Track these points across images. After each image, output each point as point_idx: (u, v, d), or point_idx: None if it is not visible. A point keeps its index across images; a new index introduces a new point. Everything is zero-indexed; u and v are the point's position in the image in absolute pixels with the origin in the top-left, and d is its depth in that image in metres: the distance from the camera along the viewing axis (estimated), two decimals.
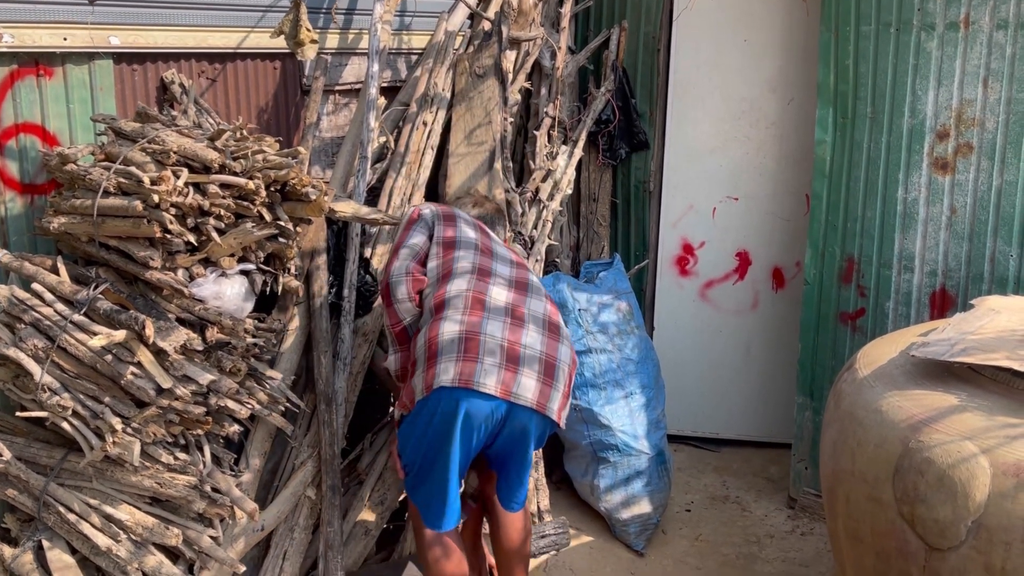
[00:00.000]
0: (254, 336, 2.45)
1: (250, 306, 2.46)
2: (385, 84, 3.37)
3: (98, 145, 2.46)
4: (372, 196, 3.09)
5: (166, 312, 2.30)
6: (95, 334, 2.19)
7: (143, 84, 2.72)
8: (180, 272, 2.32)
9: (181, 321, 2.32)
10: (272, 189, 2.42)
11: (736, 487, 3.82)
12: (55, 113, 2.50)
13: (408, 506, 2.53)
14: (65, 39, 2.46)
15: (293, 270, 2.66)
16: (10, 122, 2.43)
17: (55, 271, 2.37)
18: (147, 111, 2.55)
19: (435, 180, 3.31)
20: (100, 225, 2.27)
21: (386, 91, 3.38)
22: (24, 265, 2.35)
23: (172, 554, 2.32)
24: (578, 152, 3.83)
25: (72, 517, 2.23)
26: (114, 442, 2.14)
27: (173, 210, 2.23)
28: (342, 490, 2.70)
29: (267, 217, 2.40)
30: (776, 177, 3.92)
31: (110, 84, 2.61)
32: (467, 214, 2.78)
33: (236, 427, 2.41)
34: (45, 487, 2.25)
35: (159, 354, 2.21)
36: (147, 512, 2.28)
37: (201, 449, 2.38)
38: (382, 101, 3.21)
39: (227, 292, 2.38)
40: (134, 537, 2.23)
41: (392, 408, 2.94)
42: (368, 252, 3.02)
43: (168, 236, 2.24)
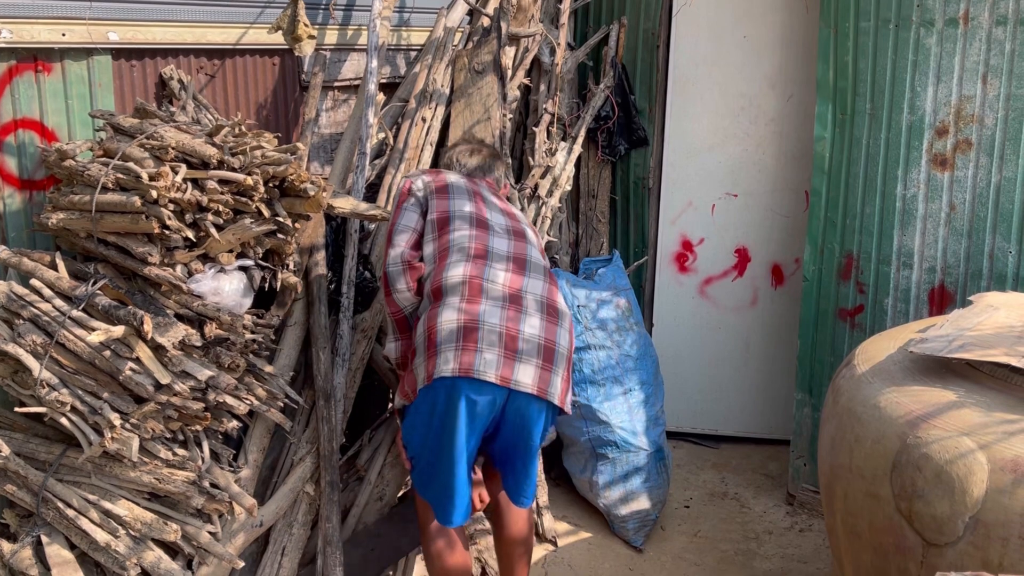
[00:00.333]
0: (253, 332, 2.45)
1: (249, 302, 2.46)
2: (384, 80, 3.37)
3: (97, 141, 2.46)
4: (371, 192, 3.09)
5: (165, 308, 2.30)
6: (94, 330, 2.19)
7: (142, 80, 2.72)
8: (179, 268, 2.32)
9: (180, 317, 2.32)
10: (271, 185, 2.42)
11: (735, 483, 3.83)
12: (54, 109, 2.50)
13: (414, 498, 2.52)
14: (64, 35, 2.46)
15: (292, 266, 2.66)
16: (8, 118, 2.42)
17: (54, 267, 2.37)
18: (146, 107, 2.55)
19: None
20: (98, 221, 2.27)
21: (385, 87, 3.38)
22: (23, 261, 2.35)
23: (171, 550, 2.32)
24: (577, 148, 3.83)
25: (71, 512, 2.23)
26: (113, 438, 2.14)
27: (171, 206, 2.23)
28: (341, 486, 2.70)
29: (266, 213, 2.40)
30: (775, 174, 3.92)
31: (109, 80, 2.60)
32: (464, 164, 2.73)
33: (235, 423, 2.41)
34: (44, 483, 2.25)
35: (158, 350, 2.21)
36: (146, 508, 2.28)
37: (200, 445, 2.38)
38: (381, 97, 3.21)
39: (226, 288, 2.38)
40: (133, 532, 2.23)
41: (392, 398, 2.94)
42: (367, 248, 3.02)
43: (166, 232, 2.24)
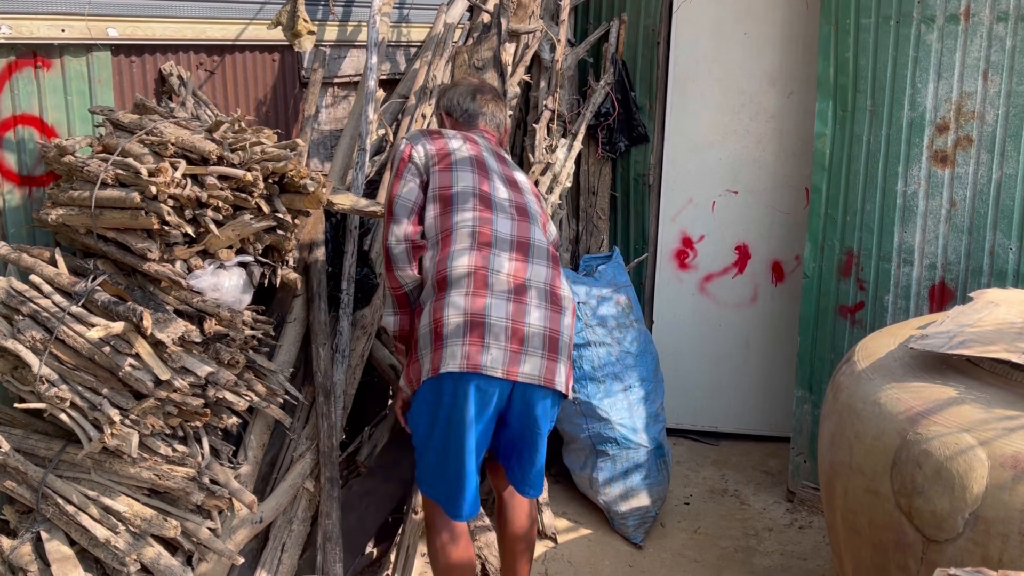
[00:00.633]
0: (252, 328, 2.45)
1: (248, 298, 2.46)
2: (384, 77, 3.36)
3: (96, 137, 2.46)
4: (371, 188, 3.09)
5: (164, 304, 2.30)
6: (93, 326, 2.19)
7: (141, 76, 2.72)
8: (178, 264, 2.32)
9: (179, 313, 2.32)
10: (270, 181, 2.42)
11: (735, 480, 3.83)
12: (53, 105, 2.50)
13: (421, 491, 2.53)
14: (63, 30, 2.45)
15: (291, 262, 2.66)
16: (8, 114, 2.42)
17: (53, 263, 2.37)
18: (145, 103, 2.55)
19: None
20: (98, 217, 2.26)
21: (385, 83, 3.38)
22: (22, 257, 2.35)
23: (170, 546, 2.32)
24: (577, 145, 3.83)
25: (71, 508, 2.23)
26: (112, 434, 2.14)
27: (171, 202, 2.23)
28: (340, 482, 2.70)
29: (265, 209, 2.39)
30: (776, 170, 3.92)
31: (108, 76, 2.60)
32: (465, 108, 2.64)
33: (234, 419, 2.40)
34: (43, 478, 2.25)
35: (157, 346, 2.21)
36: (145, 504, 2.28)
37: (199, 441, 2.38)
38: (381, 93, 3.21)
39: (225, 284, 2.37)
40: (132, 528, 2.23)
41: (392, 395, 2.94)
42: (367, 245, 3.02)
43: (166, 228, 2.24)
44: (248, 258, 2.45)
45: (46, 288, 2.30)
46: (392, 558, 2.84)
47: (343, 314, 2.79)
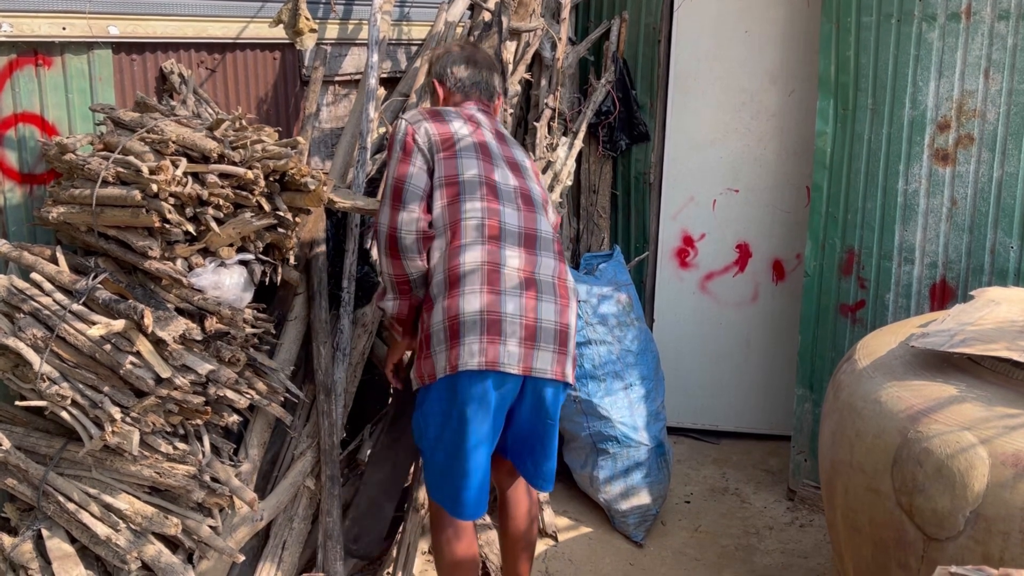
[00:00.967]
0: (253, 326, 2.45)
1: (249, 296, 2.46)
2: (385, 75, 3.36)
3: (97, 135, 2.46)
4: (372, 187, 3.08)
5: (165, 302, 2.30)
6: (94, 324, 2.19)
7: (142, 74, 2.72)
8: (179, 262, 2.32)
9: (180, 311, 2.32)
10: (271, 179, 2.42)
11: (735, 479, 3.83)
12: (54, 103, 2.50)
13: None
14: (64, 28, 2.45)
15: (292, 260, 2.66)
16: (9, 112, 2.42)
17: (54, 261, 2.37)
18: (146, 101, 2.55)
19: None
20: (99, 215, 2.26)
21: (386, 82, 3.38)
22: (23, 255, 2.35)
23: (171, 543, 2.32)
24: (578, 143, 3.83)
25: (71, 506, 2.23)
26: (113, 431, 2.14)
27: (172, 200, 2.23)
28: (341, 480, 2.70)
29: (266, 207, 2.39)
30: (777, 169, 3.91)
31: (109, 74, 2.60)
32: (459, 79, 2.57)
33: (235, 417, 2.41)
34: (44, 476, 2.26)
35: (158, 344, 2.21)
36: (146, 501, 2.28)
37: (200, 439, 2.38)
38: (382, 92, 3.21)
39: (226, 282, 2.37)
40: (133, 526, 2.23)
41: (391, 392, 2.94)
42: (367, 243, 3.02)
43: (167, 226, 2.24)
44: (249, 256, 2.45)
45: (47, 286, 2.30)
46: (393, 554, 2.84)
47: (344, 312, 2.79)
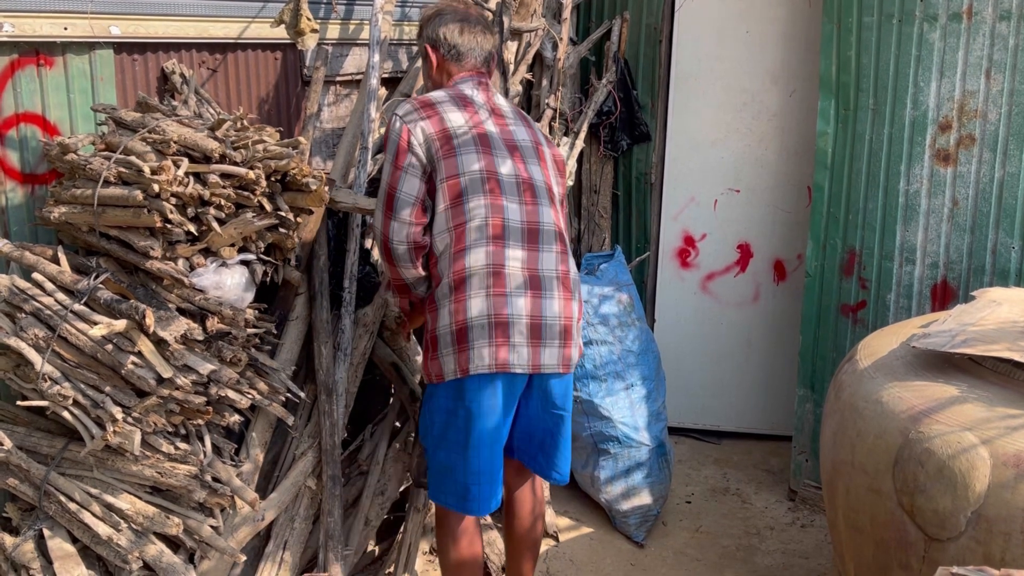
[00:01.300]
0: (254, 326, 2.45)
1: (250, 296, 2.46)
2: (386, 75, 3.36)
3: (99, 135, 2.46)
4: (373, 187, 3.08)
5: (167, 302, 2.30)
6: (96, 324, 2.19)
7: (144, 74, 2.72)
8: (180, 262, 2.32)
9: (182, 311, 2.32)
10: (273, 179, 2.42)
11: (736, 479, 3.83)
12: (56, 103, 2.50)
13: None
14: (66, 28, 2.45)
15: (294, 260, 2.66)
16: (10, 112, 2.42)
17: (56, 261, 2.37)
18: (148, 101, 2.55)
19: None
20: (100, 215, 2.26)
21: (387, 82, 3.38)
22: (25, 255, 2.35)
23: (173, 543, 2.32)
24: (579, 144, 3.83)
25: (73, 506, 2.23)
26: (115, 431, 2.14)
27: (173, 200, 2.23)
28: (343, 480, 2.70)
29: (267, 207, 2.39)
30: (778, 169, 3.91)
31: (111, 74, 2.60)
32: (454, 45, 2.49)
33: (237, 417, 2.41)
34: (46, 476, 2.26)
35: (159, 344, 2.21)
36: (148, 501, 2.28)
37: (202, 439, 2.38)
38: (383, 92, 3.21)
39: (227, 282, 2.37)
40: (135, 526, 2.23)
41: (392, 392, 2.94)
42: (369, 243, 3.02)
43: (168, 226, 2.24)
44: (250, 256, 2.45)
45: (49, 286, 2.30)
46: (394, 555, 2.84)
47: (345, 312, 2.80)
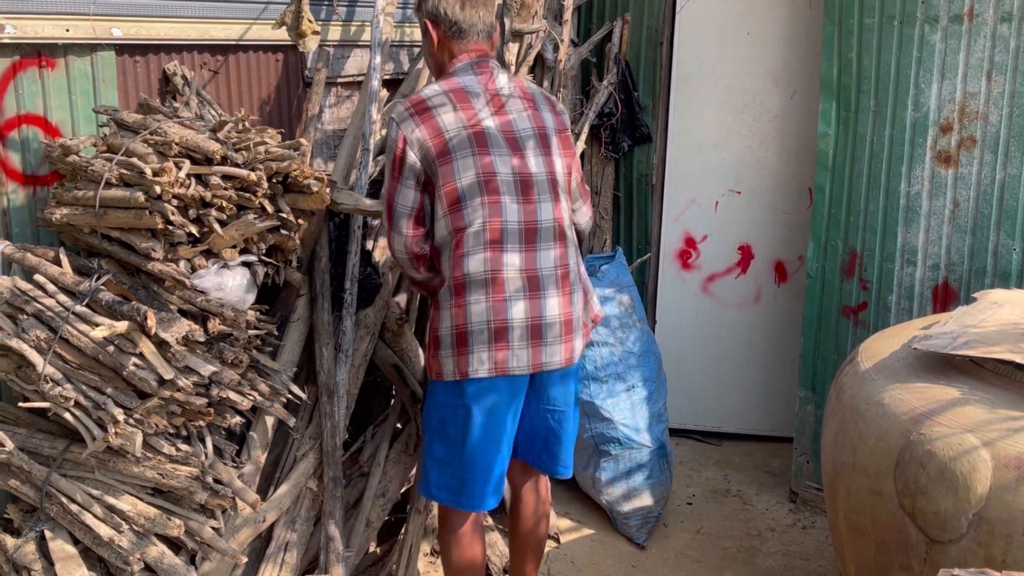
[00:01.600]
0: (256, 328, 2.45)
1: (252, 298, 2.46)
2: (387, 77, 3.36)
3: (100, 136, 2.46)
4: (374, 188, 3.09)
5: (168, 303, 2.30)
6: (97, 325, 2.19)
7: (145, 76, 2.72)
8: (182, 264, 2.32)
9: (183, 313, 2.32)
10: (274, 181, 2.42)
11: (737, 481, 3.82)
12: (57, 104, 2.50)
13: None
14: (67, 30, 2.45)
15: (295, 262, 2.66)
16: (12, 113, 2.42)
17: (57, 262, 2.37)
18: (149, 103, 2.55)
19: None
20: (102, 216, 2.27)
21: (388, 83, 3.38)
22: (26, 256, 2.35)
23: (174, 545, 2.32)
24: (580, 145, 3.83)
25: (74, 508, 2.23)
26: (116, 433, 2.14)
27: (175, 201, 2.23)
28: (344, 482, 2.70)
29: (269, 209, 2.39)
30: (779, 171, 3.91)
31: (112, 76, 2.60)
32: (454, 21, 2.43)
33: (238, 418, 2.41)
34: (47, 478, 2.26)
35: (161, 345, 2.21)
36: (149, 503, 2.28)
37: (203, 440, 2.38)
38: (384, 93, 3.21)
39: (229, 284, 2.37)
40: (136, 528, 2.23)
41: (393, 392, 2.94)
42: (370, 245, 3.02)
43: (170, 227, 2.24)
44: (252, 258, 2.45)
45: (50, 287, 2.30)
46: (395, 557, 2.84)
47: (346, 314, 2.79)
